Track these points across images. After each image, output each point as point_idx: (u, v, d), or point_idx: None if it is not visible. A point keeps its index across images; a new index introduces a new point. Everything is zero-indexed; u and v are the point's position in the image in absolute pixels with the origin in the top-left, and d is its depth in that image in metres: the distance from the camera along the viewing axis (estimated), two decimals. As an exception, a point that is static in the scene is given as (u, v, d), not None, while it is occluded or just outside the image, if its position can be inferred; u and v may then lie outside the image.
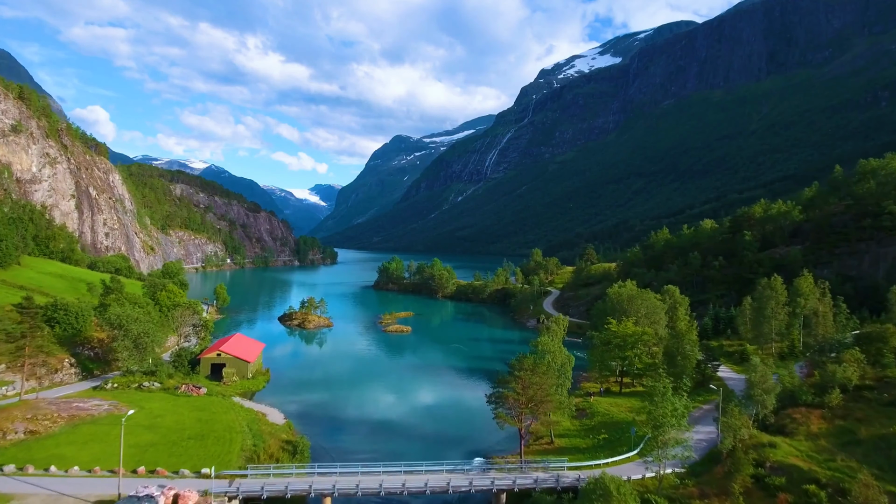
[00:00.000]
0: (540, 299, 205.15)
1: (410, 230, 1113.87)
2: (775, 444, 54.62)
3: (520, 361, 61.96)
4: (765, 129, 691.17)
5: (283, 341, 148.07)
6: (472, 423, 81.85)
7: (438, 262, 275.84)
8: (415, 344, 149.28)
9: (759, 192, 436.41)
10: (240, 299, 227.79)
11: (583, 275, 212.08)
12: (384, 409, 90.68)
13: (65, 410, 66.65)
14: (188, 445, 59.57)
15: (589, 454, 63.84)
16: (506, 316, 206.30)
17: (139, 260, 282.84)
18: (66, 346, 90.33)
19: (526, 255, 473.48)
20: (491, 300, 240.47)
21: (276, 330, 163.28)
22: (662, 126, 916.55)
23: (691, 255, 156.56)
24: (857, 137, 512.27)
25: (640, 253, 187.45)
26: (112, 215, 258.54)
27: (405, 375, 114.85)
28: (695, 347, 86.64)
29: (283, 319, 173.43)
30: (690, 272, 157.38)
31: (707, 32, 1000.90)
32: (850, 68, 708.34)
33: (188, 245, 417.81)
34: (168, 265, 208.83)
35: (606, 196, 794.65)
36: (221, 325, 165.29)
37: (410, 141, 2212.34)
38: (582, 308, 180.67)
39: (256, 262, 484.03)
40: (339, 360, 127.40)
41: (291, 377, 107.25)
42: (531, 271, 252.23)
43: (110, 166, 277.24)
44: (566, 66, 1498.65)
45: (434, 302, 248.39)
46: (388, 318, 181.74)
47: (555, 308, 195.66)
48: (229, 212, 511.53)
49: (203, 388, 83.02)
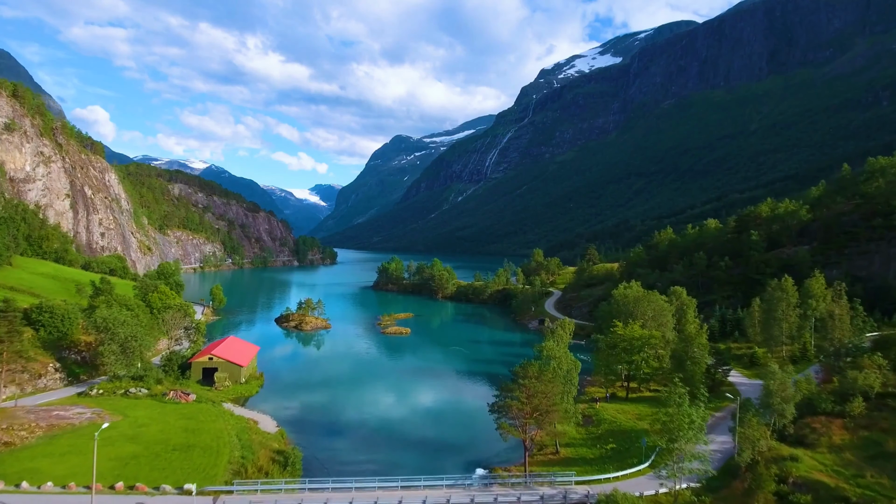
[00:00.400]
0: (541, 300, 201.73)
1: (410, 230, 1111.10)
2: (797, 458, 51.17)
3: (524, 368, 58.46)
4: (765, 128, 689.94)
5: (279, 343, 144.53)
6: (473, 430, 78.42)
7: (438, 263, 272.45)
8: (414, 346, 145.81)
9: (761, 191, 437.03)
10: (237, 300, 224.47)
11: (585, 275, 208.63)
12: (382, 414, 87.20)
13: (43, 419, 63.21)
14: (172, 458, 56.09)
15: (597, 466, 60.37)
16: (506, 317, 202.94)
17: (136, 260, 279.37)
18: (51, 350, 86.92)
19: (526, 255, 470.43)
20: (492, 301, 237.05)
21: (273, 332, 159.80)
22: (663, 126, 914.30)
23: (696, 256, 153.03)
24: (859, 137, 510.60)
25: (644, 253, 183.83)
26: (108, 215, 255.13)
27: (404, 379, 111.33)
28: (705, 352, 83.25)
29: (280, 321, 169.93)
30: (695, 273, 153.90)
31: (707, 32, 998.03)
32: (850, 68, 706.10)
33: (186, 245, 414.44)
34: (164, 265, 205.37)
35: (607, 196, 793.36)
36: (217, 326, 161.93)
37: (410, 141, 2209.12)
38: (584, 309, 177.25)
39: (255, 262, 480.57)
40: (335, 362, 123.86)
41: (286, 381, 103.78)
42: (532, 272, 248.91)
43: (106, 165, 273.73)
44: (566, 65, 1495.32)
45: (434, 303, 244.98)
46: (387, 320, 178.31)
47: (556, 309, 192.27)
48: (228, 212, 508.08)
49: (192, 394, 79.57)
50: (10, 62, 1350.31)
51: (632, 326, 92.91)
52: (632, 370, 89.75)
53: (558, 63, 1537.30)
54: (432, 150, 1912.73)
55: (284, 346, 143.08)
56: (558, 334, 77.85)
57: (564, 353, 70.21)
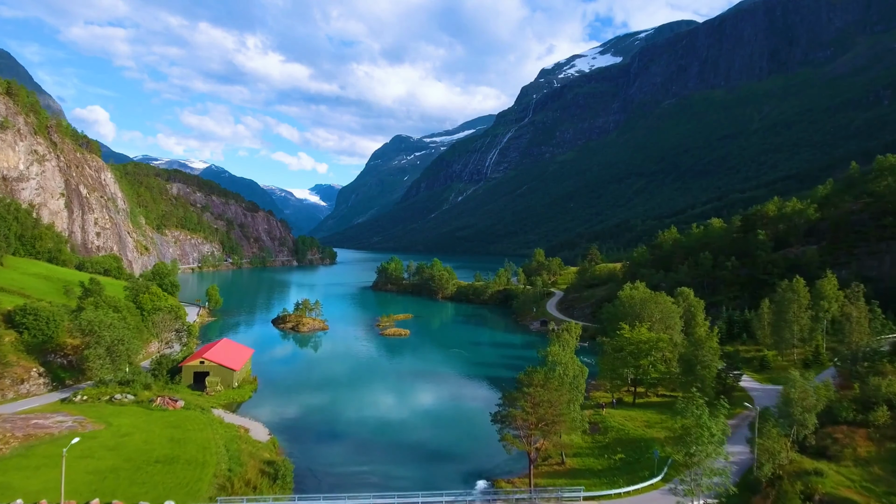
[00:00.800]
0: (543, 301, 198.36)
1: (410, 230, 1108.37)
2: (822, 472, 47.78)
3: (529, 376, 55.01)
4: (766, 128, 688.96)
5: (275, 346, 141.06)
6: (475, 437, 74.98)
7: (438, 263, 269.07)
8: (413, 348, 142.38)
9: (762, 191, 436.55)
10: (234, 300, 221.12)
11: (587, 275, 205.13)
12: (379, 420, 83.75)
13: (20, 429, 59.83)
14: (154, 471, 52.68)
15: (606, 478, 56.95)
16: (507, 318, 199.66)
17: (132, 260, 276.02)
18: (35, 354, 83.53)
19: (526, 255, 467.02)
20: (492, 302, 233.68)
21: (269, 333, 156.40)
22: (663, 126, 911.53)
23: (702, 256, 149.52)
24: (860, 137, 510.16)
25: (648, 253, 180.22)
26: (103, 214, 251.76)
27: (402, 382, 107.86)
28: (716, 356, 79.84)
29: (277, 322, 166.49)
30: (701, 273, 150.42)
31: (708, 32, 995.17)
32: (851, 67, 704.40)
33: (184, 245, 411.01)
34: (159, 265, 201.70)
35: (607, 196, 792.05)
36: (213, 327, 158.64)
37: (410, 141, 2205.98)
38: (587, 310, 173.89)
39: (254, 262, 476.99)
40: (332, 365, 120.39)
41: (281, 385, 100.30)
42: (534, 272, 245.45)
43: (102, 164, 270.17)
44: (567, 65, 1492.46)
45: (434, 303, 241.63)
46: (385, 321, 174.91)
47: (559, 310, 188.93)
48: (227, 211, 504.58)
49: (180, 400, 76.19)
50: (10, 62, 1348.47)
51: (639, 329, 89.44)
52: (639, 374, 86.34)
53: (558, 63, 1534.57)
54: (432, 150, 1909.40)
55: (280, 348, 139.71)
56: (564, 339, 74.36)
57: (571, 358, 66.81)
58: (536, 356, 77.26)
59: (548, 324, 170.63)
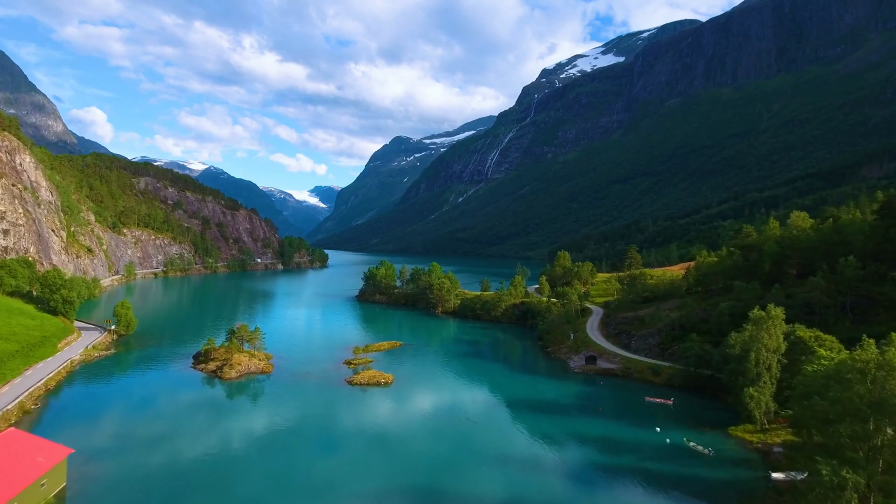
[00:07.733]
0: (580, 322, 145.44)
1: (410, 231, 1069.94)
2: None
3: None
4: (777, 126, 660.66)
5: (161, 415, 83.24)
6: None
7: (438, 268, 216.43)
8: (394, 415, 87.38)
9: (783, 189, 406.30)
10: (164, 320, 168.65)
11: (638, 287, 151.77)
12: None
13: None
14: None
15: None
16: (529, 342, 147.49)
17: (59, 264, 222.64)
18: None
19: (528, 256, 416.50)
20: (506, 319, 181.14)
21: (175, 380, 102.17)
22: (669, 125, 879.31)
23: (845, 261, 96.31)
24: (880, 133, 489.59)
25: (738, 256, 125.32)
26: (14, 207, 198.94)
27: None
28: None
29: (198, 360, 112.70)
30: (841, 289, 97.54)
31: (714, 29, 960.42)
32: (864, 64, 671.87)
33: (147, 246, 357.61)
34: (50, 273, 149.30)
35: (612, 196, 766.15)
36: (103, 367, 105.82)
37: (410, 142, 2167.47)
38: (652, 340, 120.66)
39: (232, 265, 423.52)
40: (236, 470, 67.19)
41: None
42: (559, 280, 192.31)
43: (17, 145, 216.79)
44: (568, 65, 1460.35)
45: (431, 319, 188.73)
46: (360, 355, 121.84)
47: (603, 335, 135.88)
48: (203, 209, 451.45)
49: None
50: (5, 61, 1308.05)
51: None
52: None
53: (560, 62, 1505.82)
54: (432, 152, 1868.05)
55: (162, 421, 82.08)
56: None
57: None
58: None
59: (596, 360, 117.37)
